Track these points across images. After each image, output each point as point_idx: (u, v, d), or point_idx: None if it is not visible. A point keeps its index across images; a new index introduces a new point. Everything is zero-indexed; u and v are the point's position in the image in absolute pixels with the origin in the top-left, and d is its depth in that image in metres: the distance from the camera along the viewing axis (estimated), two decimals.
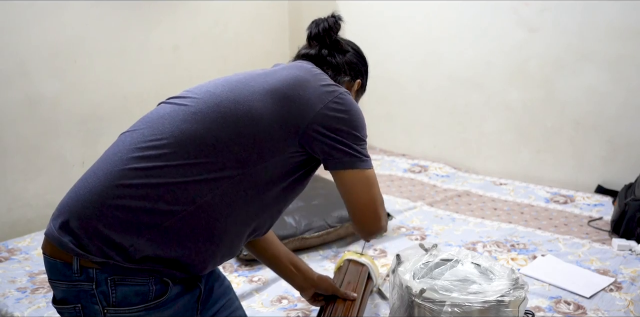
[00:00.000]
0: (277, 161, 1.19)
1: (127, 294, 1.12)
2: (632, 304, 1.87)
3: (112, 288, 1.11)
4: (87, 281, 1.11)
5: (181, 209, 1.12)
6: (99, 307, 1.12)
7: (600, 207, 2.61)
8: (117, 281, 1.12)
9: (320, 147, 1.23)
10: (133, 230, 1.11)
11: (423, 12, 3.10)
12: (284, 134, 1.19)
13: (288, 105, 1.20)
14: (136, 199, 1.11)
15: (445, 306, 1.41)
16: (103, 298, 1.11)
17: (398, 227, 2.47)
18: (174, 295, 1.18)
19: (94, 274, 1.11)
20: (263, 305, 1.91)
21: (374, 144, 3.43)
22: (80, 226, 1.11)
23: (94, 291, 1.11)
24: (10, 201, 2.57)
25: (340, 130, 1.24)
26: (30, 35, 2.49)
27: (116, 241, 1.10)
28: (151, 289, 1.14)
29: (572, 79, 2.78)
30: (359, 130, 1.28)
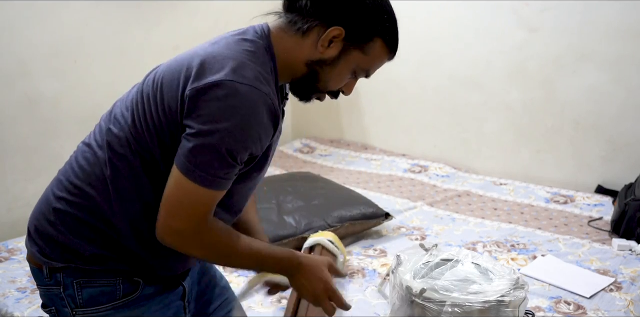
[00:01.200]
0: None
1: (93, 294, 1.14)
2: (632, 304, 1.87)
3: (78, 291, 1.13)
4: (56, 285, 1.14)
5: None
6: (68, 310, 1.14)
7: (600, 207, 2.61)
8: (83, 284, 1.13)
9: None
10: (82, 232, 1.12)
11: (423, 12, 3.10)
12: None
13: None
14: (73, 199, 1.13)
15: (446, 306, 1.41)
16: (71, 300, 1.14)
17: (398, 227, 2.47)
18: (148, 293, 1.17)
19: (61, 278, 1.14)
20: (263, 305, 1.91)
21: (374, 144, 3.43)
22: (38, 235, 1.16)
23: (62, 295, 1.14)
24: (10, 201, 2.57)
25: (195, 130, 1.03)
26: (30, 35, 2.49)
27: (70, 246, 1.12)
28: (118, 288, 1.14)
29: (572, 79, 2.78)
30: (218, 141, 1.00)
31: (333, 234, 2.01)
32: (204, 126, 0.99)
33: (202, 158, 1.00)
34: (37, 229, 1.16)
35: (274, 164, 3.21)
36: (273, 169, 3.15)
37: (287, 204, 2.39)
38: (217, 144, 0.99)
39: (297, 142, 3.56)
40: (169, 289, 1.21)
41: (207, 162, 1.00)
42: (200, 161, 1.00)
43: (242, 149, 1.02)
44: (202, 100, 0.99)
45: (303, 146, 3.49)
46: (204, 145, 0.99)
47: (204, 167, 1.00)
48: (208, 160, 1.00)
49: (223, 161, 1.01)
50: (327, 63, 1.10)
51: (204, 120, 0.99)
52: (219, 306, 1.36)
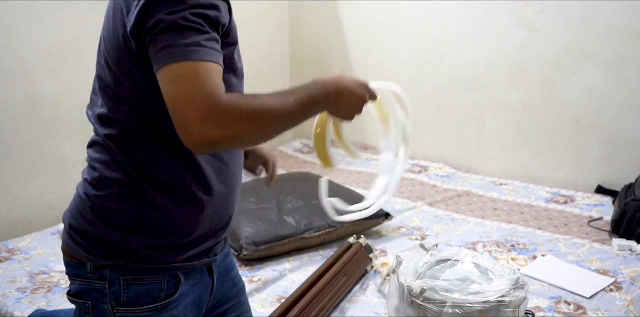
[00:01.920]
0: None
1: (139, 293, 1.12)
2: (632, 304, 1.87)
3: (124, 287, 1.11)
4: (100, 280, 1.11)
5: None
6: (108, 307, 1.12)
7: (600, 207, 2.61)
8: (130, 281, 1.11)
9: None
10: (122, 224, 1.11)
11: (423, 12, 3.10)
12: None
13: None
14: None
15: (446, 307, 1.41)
16: (114, 298, 1.11)
17: (398, 227, 2.47)
18: (185, 291, 1.17)
19: (107, 274, 1.11)
20: (263, 305, 1.91)
21: (374, 144, 3.43)
22: (77, 234, 1.13)
23: (106, 290, 1.11)
24: (10, 201, 2.57)
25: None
26: (30, 35, 2.49)
27: (116, 242, 1.10)
28: (162, 287, 1.13)
29: (572, 79, 2.78)
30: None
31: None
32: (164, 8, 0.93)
33: (172, 38, 0.92)
34: (75, 228, 1.13)
35: None
36: None
37: (287, 204, 2.39)
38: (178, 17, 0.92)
39: (297, 142, 3.56)
40: (200, 285, 1.21)
41: (179, 37, 0.92)
42: (172, 41, 0.91)
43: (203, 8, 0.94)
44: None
45: (303, 146, 3.48)
46: (167, 28, 0.92)
47: (179, 43, 0.91)
48: (178, 35, 0.92)
49: (193, 29, 0.93)
50: None
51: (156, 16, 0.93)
52: (232, 307, 1.36)
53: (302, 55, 3.61)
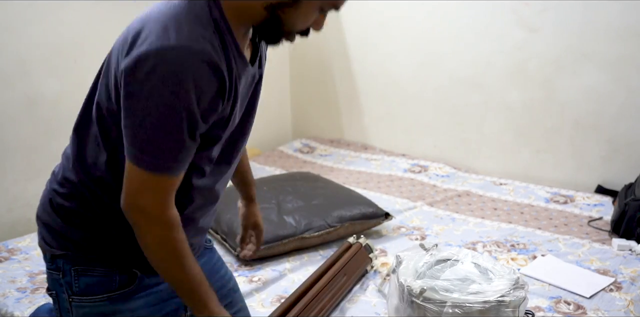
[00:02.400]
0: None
1: (89, 283, 1.15)
2: (632, 304, 1.87)
3: (75, 278, 1.15)
4: (56, 270, 1.17)
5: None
6: (65, 296, 1.17)
7: (600, 207, 2.61)
8: (80, 271, 1.15)
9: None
10: (72, 219, 1.15)
11: (423, 12, 3.10)
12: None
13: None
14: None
15: (446, 307, 1.41)
16: (68, 287, 1.16)
17: (398, 227, 2.47)
18: (147, 285, 1.17)
19: (61, 264, 1.16)
20: (263, 305, 1.91)
21: (374, 144, 3.43)
22: (40, 223, 1.20)
23: (61, 281, 1.17)
24: (10, 201, 2.57)
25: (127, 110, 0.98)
26: (30, 35, 2.49)
27: (64, 233, 1.15)
28: (114, 280, 1.15)
29: (572, 79, 2.78)
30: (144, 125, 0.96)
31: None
32: (137, 105, 0.95)
33: (146, 137, 0.96)
34: (39, 218, 1.20)
35: (274, 164, 3.21)
36: (273, 169, 3.15)
37: (287, 204, 2.39)
38: (156, 123, 0.95)
39: (297, 142, 3.56)
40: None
41: (153, 144, 0.97)
42: (144, 142, 0.96)
43: (184, 124, 0.96)
44: (130, 77, 0.95)
45: (303, 146, 3.49)
46: (142, 126, 0.95)
47: (151, 150, 0.97)
48: (152, 139, 0.96)
49: (168, 139, 0.97)
50: (288, 4, 0.99)
51: (135, 99, 0.95)
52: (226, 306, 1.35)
53: (302, 55, 3.61)
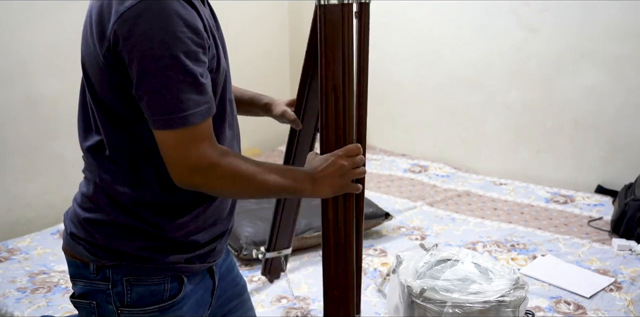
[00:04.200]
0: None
1: (143, 294, 1.12)
2: (632, 304, 1.87)
3: (127, 288, 1.11)
4: (104, 280, 1.12)
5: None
6: (112, 307, 1.12)
7: (600, 207, 2.61)
8: (133, 281, 1.12)
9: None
10: (119, 235, 1.11)
11: (423, 12, 3.10)
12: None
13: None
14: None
15: (446, 307, 1.41)
16: (117, 299, 1.12)
17: (398, 227, 2.47)
18: (188, 292, 1.17)
19: (110, 274, 1.11)
20: (262, 305, 1.91)
21: (374, 144, 3.43)
22: (78, 238, 1.14)
23: (109, 291, 1.12)
24: (10, 201, 2.57)
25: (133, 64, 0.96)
26: (30, 35, 2.49)
27: (114, 248, 1.10)
28: (166, 288, 1.13)
29: (572, 79, 2.78)
30: (158, 52, 0.94)
31: None
32: (137, 64, 0.94)
33: (161, 96, 0.95)
34: (75, 235, 1.14)
35: None
36: None
37: None
38: (164, 66, 0.93)
39: None
40: (202, 285, 1.22)
41: (170, 98, 0.95)
42: (163, 102, 0.95)
43: (186, 52, 0.95)
44: (124, 31, 0.94)
45: None
46: (154, 81, 0.94)
47: (172, 106, 0.95)
48: (168, 94, 0.95)
49: (182, 82, 0.95)
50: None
51: (134, 56, 0.94)
52: (236, 306, 1.36)
53: (302, 55, 3.60)
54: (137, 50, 0.94)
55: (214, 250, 1.21)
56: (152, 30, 0.93)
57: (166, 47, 0.93)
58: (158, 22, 0.93)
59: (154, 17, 0.93)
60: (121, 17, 0.94)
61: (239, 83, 1.42)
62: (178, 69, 0.94)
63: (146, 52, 0.93)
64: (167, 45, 0.93)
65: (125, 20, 0.93)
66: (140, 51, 0.93)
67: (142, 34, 0.93)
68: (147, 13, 0.93)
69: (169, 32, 0.93)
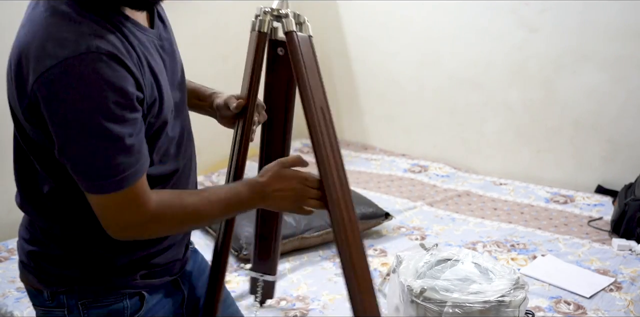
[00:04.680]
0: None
1: (101, 315, 1.09)
2: (632, 304, 1.87)
3: (84, 312, 1.08)
4: (59, 307, 1.09)
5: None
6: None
7: (600, 207, 2.61)
8: (89, 305, 1.08)
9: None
10: (65, 262, 1.08)
11: (423, 12, 3.10)
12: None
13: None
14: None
15: (447, 307, 1.41)
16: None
17: (398, 227, 2.47)
18: (152, 306, 1.14)
19: (64, 300, 1.08)
20: (262, 306, 1.91)
21: (374, 144, 3.43)
22: (29, 267, 1.12)
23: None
24: (10, 201, 2.54)
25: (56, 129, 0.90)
26: None
27: (64, 274, 1.08)
28: (126, 306, 1.10)
29: (572, 79, 2.78)
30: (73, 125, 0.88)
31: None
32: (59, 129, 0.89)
33: (89, 165, 0.91)
34: (25, 263, 1.13)
35: None
36: None
37: None
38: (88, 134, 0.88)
39: (297, 142, 3.56)
40: (168, 296, 1.18)
41: (100, 166, 0.91)
42: (91, 169, 0.91)
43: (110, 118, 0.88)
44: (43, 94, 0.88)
45: (303, 146, 3.48)
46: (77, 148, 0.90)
47: (102, 173, 0.91)
48: (97, 162, 0.90)
49: (109, 148, 0.89)
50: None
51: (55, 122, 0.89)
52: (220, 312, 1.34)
53: None
54: (58, 117, 0.88)
55: (173, 264, 1.18)
56: (73, 97, 0.86)
57: (88, 115, 0.87)
58: (79, 88, 0.86)
59: (75, 82, 0.86)
60: (40, 78, 0.86)
61: (238, 84, 1.42)
62: (103, 135, 0.88)
63: (68, 119, 0.87)
64: (89, 112, 0.86)
65: (44, 83, 0.86)
66: (61, 118, 0.87)
67: (63, 100, 0.86)
68: (67, 78, 0.85)
69: (91, 99, 0.86)
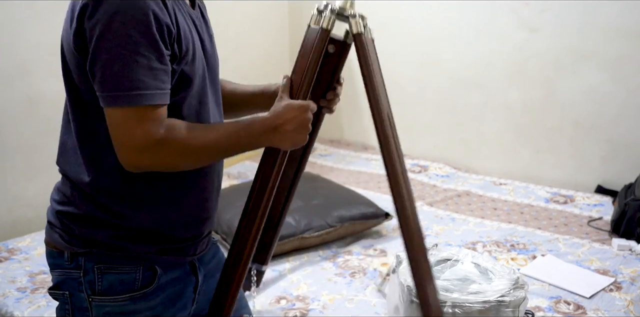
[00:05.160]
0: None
1: (113, 282, 1.13)
2: (632, 304, 1.87)
3: (98, 276, 1.13)
4: (77, 268, 1.14)
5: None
6: (84, 295, 1.14)
7: (600, 207, 2.61)
8: (104, 269, 1.13)
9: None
10: (88, 223, 1.14)
11: (423, 12, 3.10)
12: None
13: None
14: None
15: (446, 307, 1.41)
16: (89, 286, 1.13)
17: (398, 227, 2.47)
18: (163, 283, 1.18)
19: (82, 262, 1.13)
20: (262, 306, 1.91)
21: (374, 143, 3.43)
22: (55, 226, 1.18)
23: (81, 279, 1.13)
24: (10, 201, 2.57)
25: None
26: (30, 35, 2.49)
27: (86, 236, 1.13)
28: (137, 278, 1.14)
29: (572, 79, 2.78)
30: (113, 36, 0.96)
31: None
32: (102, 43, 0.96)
33: (114, 74, 0.96)
34: (52, 224, 1.19)
35: None
36: None
37: None
38: (120, 44, 0.95)
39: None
40: (183, 280, 1.22)
41: (122, 74, 0.96)
42: (114, 79, 0.96)
43: (145, 35, 0.96)
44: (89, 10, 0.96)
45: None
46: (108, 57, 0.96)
47: (122, 84, 0.96)
48: (120, 72, 0.96)
49: (134, 62, 0.96)
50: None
51: (99, 38, 0.96)
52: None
53: None
54: (98, 27, 0.95)
55: (192, 245, 1.22)
56: (116, 11, 0.95)
57: (127, 27, 0.95)
58: (125, 6, 0.95)
59: (123, 6, 0.95)
60: (90, 4, 0.96)
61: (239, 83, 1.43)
62: (134, 49, 0.95)
63: (106, 29, 0.95)
64: (128, 25, 0.95)
65: (96, 6, 0.95)
66: (101, 28, 0.95)
67: (105, 12, 0.95)
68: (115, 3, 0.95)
69: (135, 17, 0.95)
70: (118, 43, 0.95)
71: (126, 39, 0.95)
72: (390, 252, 2.23)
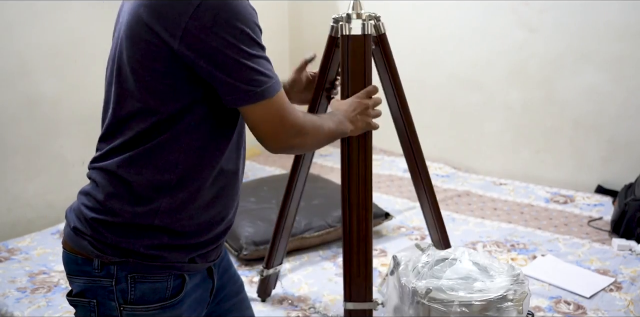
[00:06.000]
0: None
1: (146, 291, 1.12)
2: (632, 304, 1.87)
3: (131, 285, 1.11)
4: (107, 277, 1.11)
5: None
6: (115, 304, 1.11)
7: (600, 207, 2.61)
8: (137, 279, 1.11)
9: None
10: (128, 233, 1.11)
11: (423, 12, 3.10)
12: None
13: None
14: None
15: (454, 306, 1.41)
16: (121, 295, 1.11)
17: (398, 227, 2.47)
18: (189, 290, 1.18)
19: (114, 271, 1.10)
20: (263, 306, 1.91)
21: (374, 144, 3.41)
22: (83, 234, 1.12)
23: (112, 288, 1.11)
24: (10, 201, 2.57)
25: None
26: (30, 35, 2.49)
27: (121, 246, 1.10)
28: (169, 286, 1.13)
29: (572, 79, 2.78)
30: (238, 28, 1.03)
31: None
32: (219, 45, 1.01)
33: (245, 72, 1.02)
34: (80, 230, 1.13)
35: (274, 163, 3.21)
36: (273, 169, 3.15)
37: None
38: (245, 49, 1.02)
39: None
40: (202, 283, 1.22)
41: (255, 72, 1.03)
42: (250, 76, 1.02)
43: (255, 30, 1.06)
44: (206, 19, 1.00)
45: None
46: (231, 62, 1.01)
47: (253, 79, 1.03)
48: (245, 71, 1.02)
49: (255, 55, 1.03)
50: None
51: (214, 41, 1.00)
52: (235, 305, 1.37)
53: (302, 55, 3.60)
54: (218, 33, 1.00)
55: (216, 249, 1.22)
56: (232, 17, 1.01)
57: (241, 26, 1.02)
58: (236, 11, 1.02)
59: (233, 7, 1.02)
60: (200, 7, 0.99)
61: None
62: (252, 42, 1.04)
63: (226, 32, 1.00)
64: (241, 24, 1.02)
65: (207, 9, 0.99)
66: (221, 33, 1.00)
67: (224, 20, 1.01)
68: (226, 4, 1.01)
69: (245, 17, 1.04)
70: (238, 39, 1.01)
71: (244, 35, 1.02)
72: (390, 252, 2.23)
